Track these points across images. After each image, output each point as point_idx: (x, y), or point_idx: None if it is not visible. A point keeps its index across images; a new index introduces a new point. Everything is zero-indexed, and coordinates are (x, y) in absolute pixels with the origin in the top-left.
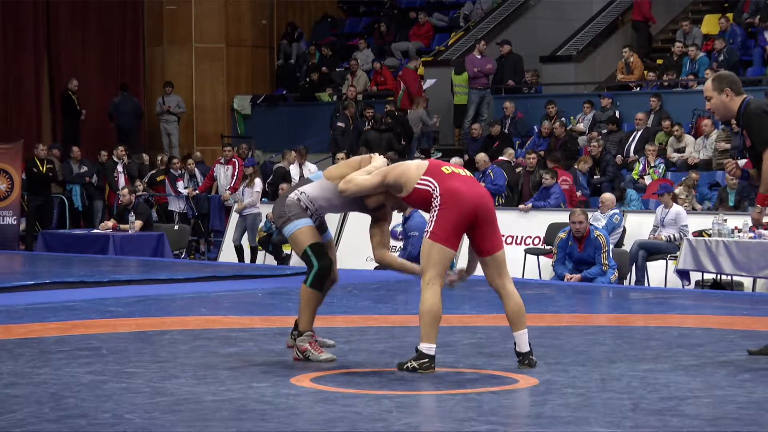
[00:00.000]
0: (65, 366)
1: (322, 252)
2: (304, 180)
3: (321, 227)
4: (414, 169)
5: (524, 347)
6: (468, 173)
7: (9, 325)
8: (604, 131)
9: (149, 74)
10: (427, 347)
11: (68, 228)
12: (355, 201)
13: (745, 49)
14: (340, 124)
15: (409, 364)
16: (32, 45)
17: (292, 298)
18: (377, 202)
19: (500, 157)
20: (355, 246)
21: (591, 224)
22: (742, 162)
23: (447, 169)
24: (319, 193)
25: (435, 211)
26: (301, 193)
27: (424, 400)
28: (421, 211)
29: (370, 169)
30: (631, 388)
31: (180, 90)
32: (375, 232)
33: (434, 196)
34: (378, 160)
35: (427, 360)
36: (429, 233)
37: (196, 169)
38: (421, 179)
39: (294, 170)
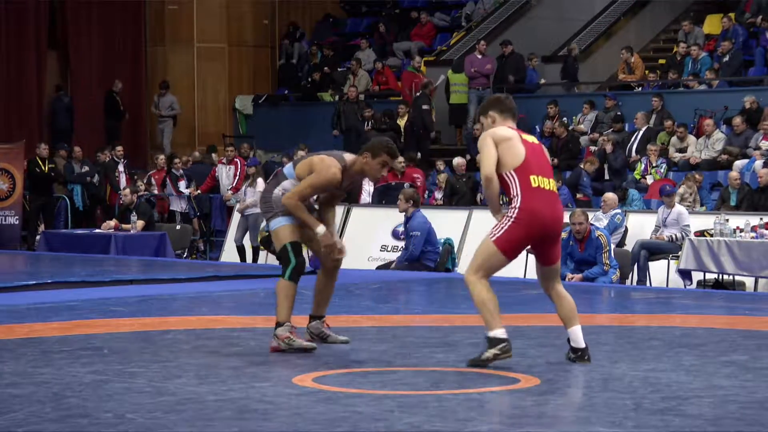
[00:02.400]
0: (67, 366)
1: (299, 249)
2: (280, 174)
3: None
4: (510, 156)
5: (581, 343)
6: (552, 184)
7: (11, 325)
8: (607, 131)
9: (151, 74)
10: (496, 332)
11: (70, 228)
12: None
13: (747, 48)
14: (334, 132)
15: (487, 353)
16: (34, 45)
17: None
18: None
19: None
20: (356, 246)
21: (592, 224)
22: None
23: (535, 180)
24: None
25: (509, 220)
26: (284, 191)
27: (426, 400)
28: (422, 212)
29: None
30: (632, 388)
31: (182, 90)
32: (323, 204)
33: (514, 205)
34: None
35: (504, 342)
36: (495, 237)
37: (181, 169)
38: (509, 174)
39: None
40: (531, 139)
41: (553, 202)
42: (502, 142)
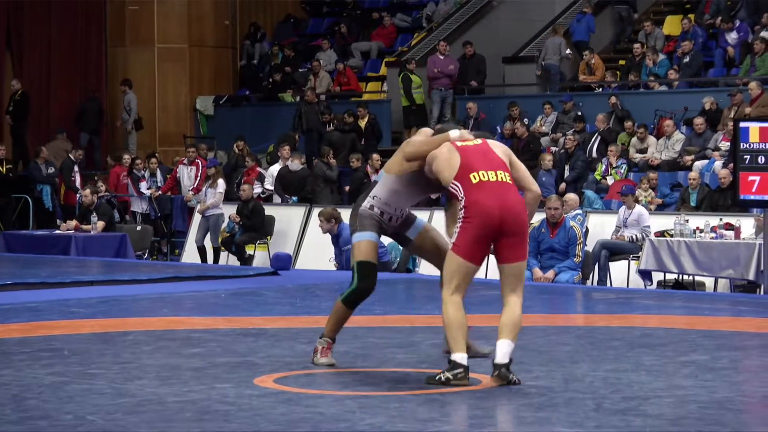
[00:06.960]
0: (27, 367)
1: (366, 272)
2: (372, 186)
3: (407, 221)
4: (447, 171)
5: (502, 358)
6: (503, 175)
7: None
8: (569, 131)
9: (111, 75)
10: (455, 356)
11: (32, 228)
12: (421, 183)
13: (707, 50)
14: (293, 133)
15: (441, 375)
16: None
17: (255, 299)
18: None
19: None
20: (317, 246)
21: (567, 216)
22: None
23: (475, 176)
24: (385, 192)
25: (459, 222)
26: (373, 198)
27: (387, 401)
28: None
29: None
30: (593, 388)
31: (142, 90)
32: (449, 216)
33: (460, 206)
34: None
35: (461, 370)
36: (453, 245)
37: (158, 169)
38: (452, 183)
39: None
40: (471, 142)
41: (502, 191)
42: (433, 164)
